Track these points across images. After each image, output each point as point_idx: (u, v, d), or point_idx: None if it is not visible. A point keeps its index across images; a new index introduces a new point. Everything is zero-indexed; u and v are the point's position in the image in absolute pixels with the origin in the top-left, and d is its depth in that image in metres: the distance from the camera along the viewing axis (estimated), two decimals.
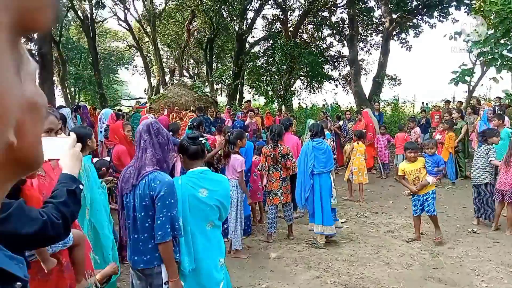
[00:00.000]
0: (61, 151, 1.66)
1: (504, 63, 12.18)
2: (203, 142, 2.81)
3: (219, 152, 5.64)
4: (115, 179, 4.49)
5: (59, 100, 27.90)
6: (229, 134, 5.50)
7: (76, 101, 31.47)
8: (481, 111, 10.18)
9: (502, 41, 11.76)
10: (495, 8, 11.45)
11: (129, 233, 2.51)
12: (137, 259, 2.46)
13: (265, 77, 25.53)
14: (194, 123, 6.46)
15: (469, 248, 5.31)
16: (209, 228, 2.71)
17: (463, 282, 4.33)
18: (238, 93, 25.32)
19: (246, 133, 8.97)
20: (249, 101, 17.94)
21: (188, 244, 2.58)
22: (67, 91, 30.77)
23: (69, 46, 30.44)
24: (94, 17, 24.73)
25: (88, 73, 29.60)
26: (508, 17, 11.33)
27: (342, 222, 6.49)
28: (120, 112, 11.11)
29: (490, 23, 12.78)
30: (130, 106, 27.39)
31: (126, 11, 28.24)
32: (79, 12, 23.71)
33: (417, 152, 5.76)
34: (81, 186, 1.80)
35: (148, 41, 30.58)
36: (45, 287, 2.25)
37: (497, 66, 12.48)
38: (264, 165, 5.69)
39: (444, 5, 19.28)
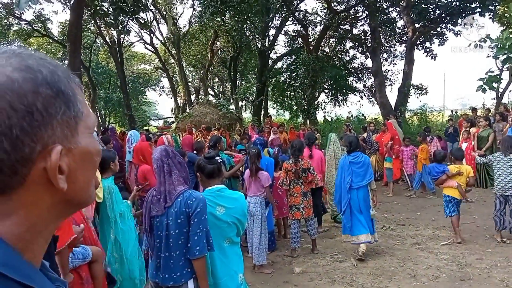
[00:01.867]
0: None
1: None
2: (219, 161, 2.94)
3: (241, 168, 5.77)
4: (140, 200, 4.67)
5: None
6: (251, 151, 5.61)
7: (107, 123, 32.48)
8: (509, 118, 9.93)
9: None
10: None
11: (158, 252, 2.61)
12: (168, 276, 2.56)
13: (288, 92, 25.72)
14: (211, 142, 6.64)
15: (498, 259, 5.18)
16: (227, 245, 2.82)
17: None
18: (263, 109, 25.55)
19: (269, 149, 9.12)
20: (270, 116, 18.09)
21: (206, 261, 2.69)
22: (98, 114, 31.84)
23: (99, 70, 31.64)
24: (121, 42, 25.67)
25: (117, 95, 30.63)
26: None
27: None
28: (150, 135, 11.45)
29: None
30: (158, 126, 28.08)
31: (151, 34, 29.17)
32: (107, 38, 24.68)
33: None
34: None
35: (173, 62, 31.38)
36: None
37: None
38: (285, 180, 5.76)
39: (468, 12, 18.99)
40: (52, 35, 25.47)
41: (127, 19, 20.42)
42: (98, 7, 16.33)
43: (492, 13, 16.89)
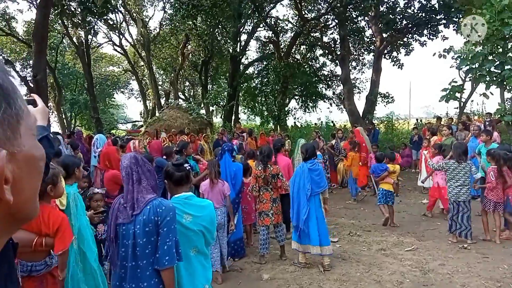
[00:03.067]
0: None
1: (493, 79, 12.44)
2: (188, 168, 2.90)
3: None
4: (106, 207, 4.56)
5: (55, 126, 28.07)
6: (211, 160, 5.58)
7: (72, 126, 31.61)
8: (471, 127, 10.32)
9: (489, 57, 12.01)
10: None
11: (124, 261, 2.54)
12: (134, 286, 2.48)
13: (259, 98, 25.82)
14: (177, 148, 6.54)
15: (459, 264, 5.35)
16: (193, 254, 2.77)
17: None
18: (233, 114, 25.53)
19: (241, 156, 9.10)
20: (239, 122, 18.09)
21: (174, 271, 2.64)
22: (63, 116, 30.93)
23: (65, 71, 30.77)
24: (89, 43, 25.08)
25: (84, 98, 29.85)
26: (494, 34, 11.61)
27: (334, 241, 6.53)
28: (118, 139, 11.20)
29: (477, 41, 13.05)
30: (126, 130, 27.55)
31: (120, 36, 28.67)
32: (74, 39, 24.06)
33: None
34: (51, 135, 2.08)
35: (143, 65, 30.94)
36: None
37: (486, 82, 12.75)
38: (255, 186, 5.76)
39: (434, 23, 19.70)
40: (17, 34, 24.57)
41: (95, 20, 19.99)
42: (65, 7, 15.89)
43: (456, 25, 17.55)
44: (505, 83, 11.91)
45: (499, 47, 11.66)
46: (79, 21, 17.61)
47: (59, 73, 29.14)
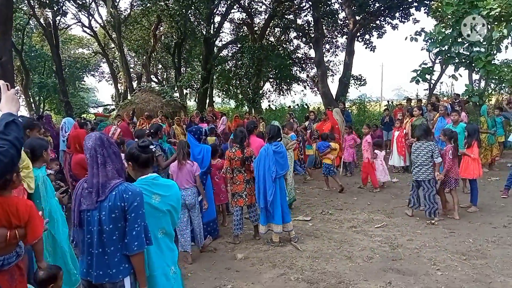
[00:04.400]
0: None
1: (462, 61, 12.74)
2: (153, 149, 2.85)
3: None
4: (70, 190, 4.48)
5: (23, 110, 27.15)
6: (181, 140, 5.55)
7: (41, 110, 30.65)
8: (440, 108, 10.58)
9: (458, 40, 12.27)
10: (450, 9, 11.94)
11: (90, 248, 2.46)
12: (102, 273, 2.41)
13: (234, 81, 25.65)
14: (152, 130, 6.43)
15: (427, 239, 5.54)
16: (160, 236, 2.75)
17: (420, 272, 4.52)
18: (208, 97, 25.30)
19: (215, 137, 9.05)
20: (212, 105, 17.95)
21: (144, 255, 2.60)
22: (31, 100, 29.94)
23: (32, 54, 29.66)
24: (57, 24, 24.20)
25: (53, 81, 28.92)
26: (463, 17, 11.83)
27: (307, 220, 6.64)
28: (84, 121, 10.93)
29: (447, 23, 13.30)
30: (96, 113, 26.91)
31: (90, 17, 27.76)
32: (41, 20, 23.16)
33: None
34: (20, 120, 1.96)
35: (114, 47, 30.15)
36: None
37: (455, 64, 13.05)
38: (228, 168, 5.76)
39: (405, 6, 19.91)
40: None
41: None
42: None
43: (427, 8, 17.79)
44: (473, 64, 12.24)
45: None
46: (46, 1, 16.92)
47: (26, 56, 28.08)
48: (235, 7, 23.16)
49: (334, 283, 4.33)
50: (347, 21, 22.03)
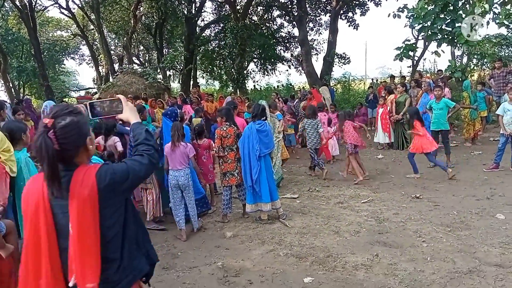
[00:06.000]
0: (118, 108, 2.06)
1: (444, 37, 12.79)
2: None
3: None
4: None
5: (2, 95, 26.49)
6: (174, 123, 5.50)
7: (21, 95, 29.92)
8: (423, 84, 10.67)
9: (441, 16, 12.29)
10: None
11: None
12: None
13: (217, 61, 25.36)
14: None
15: (412, 213, 5.66)
16: None
17: (406, 244, 4.63)
18: (192, 79, 25.01)
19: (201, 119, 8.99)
20: (198, 86, 17.75)
21: None
22: (10, 85, 29.15)
23: (9, 38, 28.71)
24: (33, 6, 23.41)
25: (32, 65, 28.11)
26: None
27: (295, 198, 6.71)
28: (63, 103, 10.68)
29: None
30: (78, 97, 26.40)
31: None
32: (16, 1, 22.37)
33: None
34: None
35: (93, 29, 29.38)
36: None
37: (437, 40, 13.09)
38: (220, 147, 5.74)
39: None
40: None
41: None
42: None
43: None
44: (455, 40, 12.30)
45: (450, 5, 11.93)
46: None
47: (3, 40, 27.16)
48: None
49: (322, 257, 4.40)
50: None
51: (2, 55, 25.70)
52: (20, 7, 22.41)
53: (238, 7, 23.46)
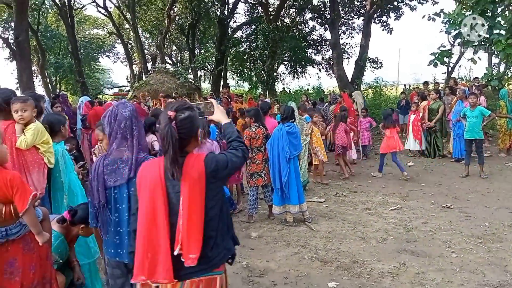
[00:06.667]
0: (210, 110, 2.28)
1: (481, 43, 12.42)
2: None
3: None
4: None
5: (40, 90, 27.49)
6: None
7: (58, 90, 30.98)
8: (458, 92, 10.40)
9: None
10: None
11: (118, 227, 2.39)
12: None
13: (248, 63, 25.49)
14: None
15: (442, 222, 5.52)
16: None
17: (435, 254, 4.53)
18: (222, 79, 25.25)
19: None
20: (228, 87, 17.86)
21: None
22: (48, 80, 30.23)
23: (48, 34, 29.84)
24: (72, 4, 24.23)
25: (68, 61, 29.10)
26: None
27: (321, 202, 6.67)
28: (97, 99, 11.02)
29: (467, 4, 12.93)
30: (112, 94, 27.14)
31: None
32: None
33: None
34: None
35: (128, 28, 30.16)
36: (32, 258, 2.56)
37: (474, 47, 12.73)
38: (248, 147, 5.78)
39: None
40: None
41: None
42: None
43: None
44: (493, 47, 11.92)
45: (488, 11, 11.58)
46: None
47: (42, 36, 28.26)
48: None
49: (348, 262, 4.36)
50: (364, 2, 21.60)
51: (40, 51, 26.73)
52: (59, 5, 23.26)
53: (270, 9, 23.53)
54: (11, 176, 2.41)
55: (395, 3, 20.99)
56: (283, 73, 27.99)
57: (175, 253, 1.91)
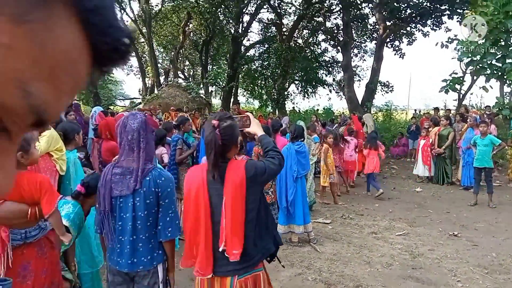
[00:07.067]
0: (246, 123, 2.45)
1: (494, 72, 12.42)
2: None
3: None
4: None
5: None
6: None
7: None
8: (468, 119, 10.37)
9: (491, 50, 11.98)
10: (485, 19, 11.68)
11: (120, 236, 2.41)
12: (136, 261, 2.38)
13: (259, 81, 25.69)
14: (176, 123, 6.49)
15: (448, 250, 5.45)
16: None
17: (440, 282, 4.46)
18: (232, 96, 25.42)
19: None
20: (238, 103, 17.97)
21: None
22: None
23: None
24: None
25: None
26: (497, 27, 11.55)
27: (327, 223, 6.63)
28: (109, 110, 11.15)
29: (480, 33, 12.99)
30: (124, 106, 27.47)
31: (122, 11, 28.27)
32: None
33: None
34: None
35: (143, 41, 30.60)
36: (44, 263, 2.59)
37: (486, 75, 12.74)
38: None
39: (438, 14, 19.56)
40: None
41: None
42: None
43: (460, 16, 17.44)
44: (505, 77, 11.91)
45: (501, 40, 11.62)
46: None
47: None
48: (264, 7, 23.19)
49: (352, 286, 4.31)
50: (377, 26, 21.77)
51: None
52: None
53: (284, 30, 23.82)
54: (41, 179, 2.52)
55: (408, 28, 21.16)
56: (293, 92, 28.16)
57: (220, 249, 2.14)
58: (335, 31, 23.51)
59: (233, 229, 2.12)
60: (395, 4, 19.71)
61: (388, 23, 20.21)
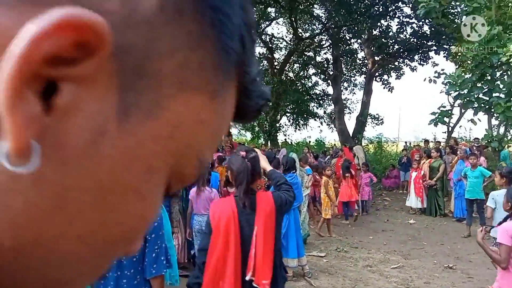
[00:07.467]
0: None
1: (481, 105, 12.71)
2: None
3: None
4: None
5: None
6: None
7: None
8: (458, 151, 10.51)
9: (478, 84, 12.29)
10: (470, 54, 12.04)
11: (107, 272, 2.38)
12: None
13: None
14: None
15: (444, 283, 5.40)
16: None
17: None
18: None
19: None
20: (230, 135, 18.01)
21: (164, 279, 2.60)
22: None
23: None
24: None
25: None
26: (483, 62, 11.90)
27: (321, 256, 6.55)
28: None
29: (467, 67, 13.38)
30: None
31: None
32: None
33: None
34: None
35: None
36: None
37: (474, 108, 13.02)
38: None
39: (425, 49, 20.15)
40: None
41: None
42: None
43: (446, 52, 17.97)
44: (492, 110, 12.18)
45: (487, 74, 11.96)
46: None
47: None
48: (256, 41, 23.71)
49: None
50: (366, 61, 22.31)
51: None
52: None
53: (275, 63, 24.30)
54: None
55: (396, 63, 21.71)
56: (285, 124, 28.40)
57: (247, 278, 2.14)
58: (325, 65, 24.04)
59: (264, 258, 2.15)
60: (383, 40, 20.29)
61: (376, 58, 20.74)
